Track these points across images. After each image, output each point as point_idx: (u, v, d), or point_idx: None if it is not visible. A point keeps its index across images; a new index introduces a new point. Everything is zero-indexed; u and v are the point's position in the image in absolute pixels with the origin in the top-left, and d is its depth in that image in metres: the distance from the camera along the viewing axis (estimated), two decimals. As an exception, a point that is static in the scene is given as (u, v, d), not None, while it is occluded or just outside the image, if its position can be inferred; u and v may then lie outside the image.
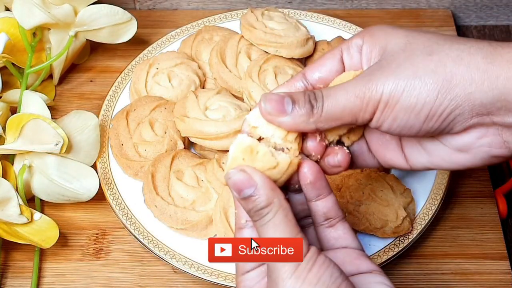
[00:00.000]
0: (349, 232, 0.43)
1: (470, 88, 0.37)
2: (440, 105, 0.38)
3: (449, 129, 0.39)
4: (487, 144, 0.39)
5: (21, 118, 0.61)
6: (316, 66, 0.43)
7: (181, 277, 0.61)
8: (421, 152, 0.43)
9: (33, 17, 0.66)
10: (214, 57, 0.70)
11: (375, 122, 0.40)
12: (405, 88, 0.38)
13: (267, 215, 0.37)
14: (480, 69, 0.37)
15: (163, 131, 0.66)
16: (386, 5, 0.85)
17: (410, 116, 0.38)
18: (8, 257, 0.62)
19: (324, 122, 0.40)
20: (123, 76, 0.73)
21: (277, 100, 0.40)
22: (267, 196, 0.38)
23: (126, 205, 0.62)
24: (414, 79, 0.38)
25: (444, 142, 0.41)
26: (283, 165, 0.40)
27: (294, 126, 0.40)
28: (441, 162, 0.42)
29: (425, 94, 0.38)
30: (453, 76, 0.37)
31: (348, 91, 0.39)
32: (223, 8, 0.85)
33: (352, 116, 0.39)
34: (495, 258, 0.62)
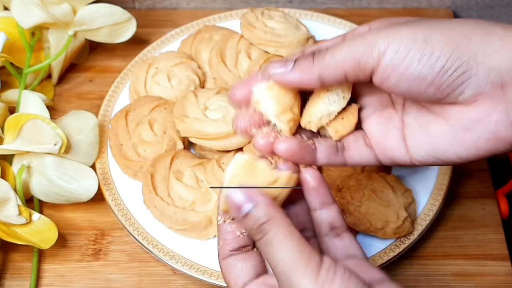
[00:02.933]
0: (354, 241, 0.42)
1: (490, 49, 0.36)
2: (458, 59, 0.36)
3: (460, 90, 0.37)
4: (494, 122, 0.37)
5: (20, 118, 0.60)
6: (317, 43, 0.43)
7: (180, 278, 0.61)
8: (424, 137, 0.40)
9: (32, 17, 0.66)
10: (214, 56, 0.69)
11: (381, 72, 0.37)
12: (420, 37, 0.36)
13: (270, 231, 0.36)
14: (499, 34, 0.36)
15: (162, 131, 0.65)
16: (387, 4, 0.84)
17: (424, 66, 0.36)
18: (7, 258, 0.62)
19: (325, 68, 0.38)
20: (122, 76, 0.72)
21: (282, 61, 0.40)
22: (266, 211, 0.37)
23: (125, 205, 0.62)
24: (432, 30, 0.36)
25: (449, 119, 0.39)
26: (283, 180, 0.39)
27: (297, 80, 0.39)
28: (444, 146, 0.39)
29: (443, 44, 0.36)
30: (473, 34, 0.36)
31: (355, 37, 0.38)
32: (223, 7, 0.85)
33: (354, 61, 0.37)
34: (497, 259, 0.61)
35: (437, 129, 0.40)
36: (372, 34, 0.37)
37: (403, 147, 0.41)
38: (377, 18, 0.42)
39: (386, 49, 0.37)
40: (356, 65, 0.38)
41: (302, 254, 0.35)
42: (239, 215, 0.37)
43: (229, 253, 0.40)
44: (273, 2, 0.84)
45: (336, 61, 0.38)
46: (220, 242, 0.41)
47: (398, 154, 0.42)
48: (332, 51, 0.38)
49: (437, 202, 0.61)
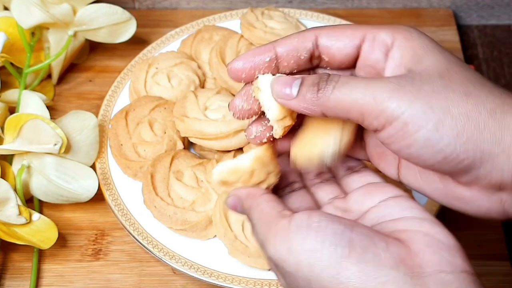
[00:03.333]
0: (372, 172, 0.42)
1: (498, 148, 0.34)
2: (464, 152, 0.34)
3: (458, 176, 0.36)
4: (486, 207, 0.37)
5: (20, 118, 0.60)
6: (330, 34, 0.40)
7: (180, 278, 0.61)
8: (418, 179, 0.40)
9: (32, 17, 0.66)
10: (214, 56, 0.69)
11: (384, 136, 0.36)
12: (433, 119, 0.34)
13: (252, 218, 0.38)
14: (510, 130, 0.34)
15: (162, 131, 0.65)
16: (387, 4, 0.84)
17: (427, 151, 0.35)
18: (7, 258, 0.62)
19: (329, 109, 0.36)
20: (122, 76, 0.72)
21: (286, 81, 0.38)
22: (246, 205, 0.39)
23: (125, 205, 0.62)
24: (446, 115, 0.34)
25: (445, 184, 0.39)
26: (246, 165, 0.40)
27: (301, 109, 0.38)
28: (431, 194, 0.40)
29: (453, 135, 0.34)
30: (485, 128, 0.34)
31: (368, 87, 0.35)
32: (223, 7, 0.85)
33: (360, 114, 0.36)
34: (497, 259, 0.61)
35: (432, 182, 0.39)
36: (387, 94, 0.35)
37: (395, 171, 0.42)
38: (377, 18, 0.42)
39: (394, 121, 0.35)
40: (361, 117, 0.36)
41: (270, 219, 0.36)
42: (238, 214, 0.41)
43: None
44: (273, 2, 0.84)
45: (342, 106, 0.36)
46: None
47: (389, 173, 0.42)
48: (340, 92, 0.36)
49: (437, 202, 0.61)
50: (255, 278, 0.57)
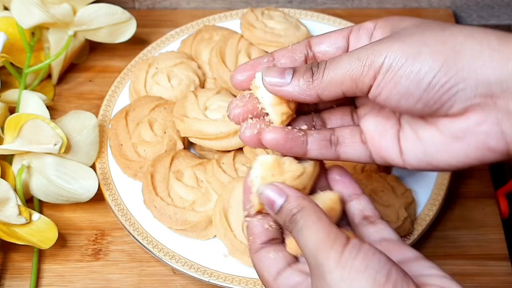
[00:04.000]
0: (388, 227, 0.42)
1: (479, 62, 0.36)
2: (445, 74, 0.36)
3: (449, 105, 0.37)
4: (484, 132, 0.38)
5: (20, 118, 0.60)
6: (321, 37, 0.43)
7: (180, 278, 0.61)
8: (417, 142, 0.41)
9: (32, 17, 0.66)
10: (214, 56, 0.69)
11: (374, 88, 0.38)
12: (411, 54, 0.37)
13: (301, 219, 0.38)
14: (491, 46, 0.36)
15: (162, 131, 0.65)
16: (387, 4, 0.84)
17: (411, 83, 0.37)
18: (7, 258, 0.62)
19: (324, 88, 0.39)
20: (122, 76, 0.72)
21: (278, 71, 0.40)
22: (297, 202, 0.38)
23: (125, 205, 0.62)
24: (422, 46, 0.37)
25: (440, 128, 0.39)
26: (309, 169, 0.41)
27: (295, 95, 0.40)
28: (435, 153, 0.40)
29: (431, 61, 0.36)
30: (462, 48, 0.36)
31: (351, 54, 0.38)
32: (222, 7, 0.85)
33: (352, 81, 0.38)
34: (497, 259, 0.61)
35: (429, 137, 0.40)
36: (368, 51, 0.38)
37: (397, 149, 0.42)
38: (377, 18, 0.42)
39: (381, 67, 0.37)
40: (354, 85, 0.39)
41: (328, 235, 0.36)
42: (273, 211, 0.39)
43: (260, 246, 0.41)
44: (273, 2, 0.84)
45: (335, 81, 0.39)
46: (249, 238, 0.42)
47: (392, 156, 0.42)
48: (330, 69, 0.39)
49: (437, 202, 0.61)
50: (255, 278, 0.57)
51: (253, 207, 0.41)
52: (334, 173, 0.44)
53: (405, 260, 0.39)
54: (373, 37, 0.41)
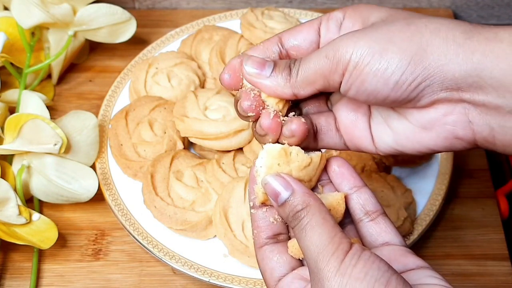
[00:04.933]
0: (390, 226, 0.42)
1: (444, 59, 0.36)
2: (412, 72, 0.37)
3: (416, 100, 0.38)
4: (452, 122, 0.38)
5: (20, 118, 0.60)
6: (292, 32, 0.43)
7: (180, 278, 0.61)
8: (387, 131, 0.42)
9: (32, 17, 0.66)
10: (214, 56, 0.69)
11: (343, 84, 0.38)
12: (377, 50, 0.37)
13: (304, 218, 0.37)
14: (457, 42, 0.36)
15: (162, 131, 0.65)
16: (387, 5, 0.84)
17: (379, 81, 0.37)
18: (7, 258, 0.62)
19: (299, 87, 0.39)
20: (122, 76, 0.72)
21: (259, 62, 0.40)
22: (303, 198, 0.38)
23: (125, 205, 0.62)
24: (388, 43, 0.37)
25: (409, 118, 0.40)
26: (316, 160, 0.41)
27: (272, 90, 0.40)
28: (405, 141, 0.41)
29: (398, 59, 0.37)
30: (428, 45, 0.37)
31: (320, 52, 0.39)
32: (222, 7, 0.85)
33: (323, 79, 0.39)
34: (497, 259, 0.61)
35: (399, 127, 0.41)
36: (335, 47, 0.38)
37: (369, 137, 0.42)
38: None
39: (348, 63, 0.37)
40: (326, 82, 0.39)
41: (331, 240, 0.36)
42: (277, 203, 0.38)
43: (264, 241, 0.41)
44: (273, 2, 0.84)
45: (308, 80, 0.39)
46: (254, 231, 0.41)
47: (365, 144, 0.43)
48: (303, 69, 0.39)
49: (437, 202, 0.61)
50: (255, 278, 0.57)
51: (257, 197, 0.40)
52: (334, 164, 0.43)
53: (407, 268, 0.39)
54: (342, 27, 0.41)
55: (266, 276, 0.41)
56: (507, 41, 0.35)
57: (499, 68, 0.35)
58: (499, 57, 0.35)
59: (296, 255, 0.40)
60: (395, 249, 0.40)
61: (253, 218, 0.41)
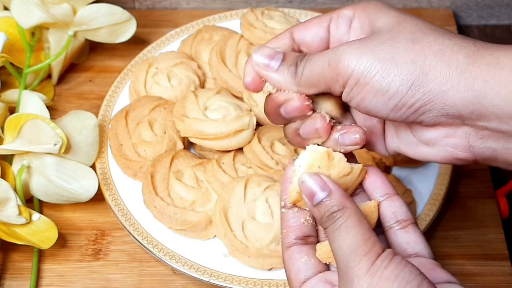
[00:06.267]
0: (421, 237, 0.41)
1: (446, 85, 0.36)
2: (412, 97, 0.37)
3: (417, 121, 0.38)
4: (452, 144, 0.39)
5: (20, 118, 0.60)
6: (302, 28, 0.43)
7: (180, 278, 0.61)
8: (394, 137, 0.43)
9: (32, 17, 0.66)
10: (214, 56, 0.69)
11: (345, 96, 0.39)
12: (379, 70, 0.37)
13: (340, 218, 0.37)
14: (460, 68, 0.36)
15: (162, 131, 0.65)
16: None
17: (379, 101, 0.37)
18: (7, 258, 0.62)
19: (304, 87, 0.40)
20: (122, 76, 0.72)
21: (269, 54, 0.40)
22: (340, 200, 0.37)
23: (125, 205, 0.62)
24: (391, 64, 0.37)
25: (413, 132, 0.41)
26: (356, 171, 0.41)
27: (278, 83, 0.40)
28: (407, 150, 0.42)
29: (399, 82, 0.36)
30: (430, 69, 0.36)
31: (324, 56, 0.39)
32: (222, 7, 0.85)
33: (325, 84, 0.39)
34: (497, 259, 0.61)
35: (404, 136, 0.42)
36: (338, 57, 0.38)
37: (382, 141, 0.44)
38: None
39: (349, 78, 0.37)
40: (327, 88, 0.39)
41: (365, 242, 0.35)
42: (312, 202, 0.38)
43: (293, 241, 0.41)
44: (273, 2, 0.84)
45: (312, 81, 0.39)
46: (283, 230, 0.41)
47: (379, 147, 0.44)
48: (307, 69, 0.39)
49: (437, 202, 0.61)
50: (255, 278, 0.57)
51: (290, 197, 0.40)
52: (368, 173, 0.43)
53: (435, 281, 0.38)
54: (352, 28, 0.41)
55: (291, 277, 0.40)
56: (508, 67, 0.35)
57: (501, 96, 0.35)
58: (500, 84, 0.35)
59: (324, 259, 0.40)
60: (424, 261, 0.40)
61: (283, 218, 0.41)
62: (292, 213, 0.41)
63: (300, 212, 0.41)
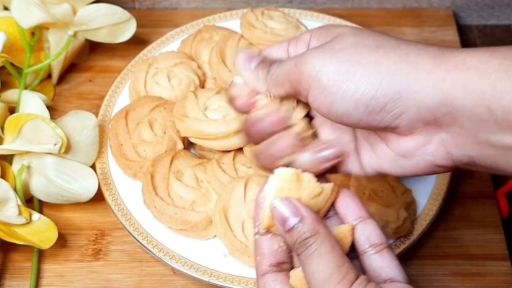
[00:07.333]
0: (395, 261, 0.40)
1: (416, 86, 0.35)
2: (383, 96, 0.36)
3: (393, 126, 0.37)
4: (431, 153, 0.37)
5: (20, 118, 0.60)
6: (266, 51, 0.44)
7: (180, 278, 0.61)
8: (372, 155, 0.41)
9: (32, 17, 0.66)
10: (214, 56, 0.69)
11: (312, 100, 0.38)
12: (344, 72, 0.36)
13: (313, 244, 0.36)
14: (426, 70, 0.35)
15: (162, 131, 0.65)
16: (387, 5, 0.84)
17: (349, 104, 0.36)
18: (7, 258, 0.62)
19: (272, 86, 0.40)
20: (122, 76, 0.72)
21: (249, 55, 0.42)
22: (312, 226, 0.37)
23: (125, 205, 0.62)
24: (356, 65, 0.36)
25: (389, 145, 0.39)
26: (327, 191, 0.40)
27: (251, 82, 0.41)
28: (388, 167, 0.40)
29: (366, 83, 0.36)
30: (397, 70, 0.36)
31: (293, 58, 0.39)
32: (222, 7, 0.85)
33: (291, 85, 0.39)
34: (497, 259, 0.61)
35: (381, 151, 0.40)
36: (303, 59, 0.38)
37: (356, 162, 0.42)
38: (377, 18, 0.43)
39: (312, 82, 0.37)
40: (292, 89, 0.39)
41: (338, 269, 0.35)
42: (284, 229, 0.37)
43: (267, 269, 0.40)
44: (273, 2, 0.84)
45: (279, 82, 0.40)
46: (257, 257, 0.40)
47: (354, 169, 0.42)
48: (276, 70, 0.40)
49: (437, 202, 0.61)
50: (255, 278, 0.57)
51: (263, 223, 0.39)
52: (340, 195, 0.41)
53: None
54: (311, 45, 0.41)
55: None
56: (474, 68, 0.34)
57: (469, 99, 0.34)
58: (468, 87, 0.34)
59: (298, 286, 0.39)
60: (399, 286, 0.39)
61: (257, 244, 0.40)
62: (266, 239, 0.40)
63: (273, 238, 0.40)
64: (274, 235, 0.40)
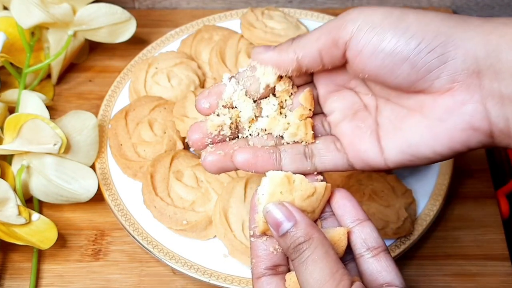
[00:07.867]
0: (392, 265, 0.40)
1: (466, 34, 0.36)
2: (434, 38, 0.36)
3: (436, 74, 0.36)
4: (470, 111, 0.36)
5: (19, 118, 0.60)
6: None
7: (180, 279, 0.60)
8: (398, 134, 0.39)
9: (32, 16, 0.66)
10: (214, 56, 0.69)
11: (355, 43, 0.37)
12: (396, 14, 0.36)
13: (306, 250, 0.36)
14: (475, 24, 0.36)
15: (162, 131, 0.65)
16: (387, 4, 0.84)
17: (399, 40, 0.36)
18: (6, 258, 0.62)
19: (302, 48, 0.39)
20: (122, 76, 0.72)
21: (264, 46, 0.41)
22: (306, 230, 0.36)
23: (125, 205, 0.62)
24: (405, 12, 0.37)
25: (424, 111, 0.38)
26: (320, 190, 0.39)
27: (274, 59, 0.40)
28: (419, 140, 0.38)
29: (418, 23, 0.36)
30: (449, 20, 0.36)
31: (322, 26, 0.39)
32: (222, 7, 0.85)
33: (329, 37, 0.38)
34: (497, 259, 0.61)
35: (411, 123, 0.39)
36: (346, 12, 0.38)
37: (377, 149, 0.40)
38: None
39: (361, 22, 0.37)
40: (330, 40, 0.38)
41: (332, 276, 0.35)
42: (278, 233, 0.37)
43: (263, 272, 0.40)
44: (273, 2, 0.84)
45: (312, 39, 0.39)
46: (253, 260, 0.40)
47: (372, 157, 0.41)
48: (309, 33, 0.40)
49: (437, 202, 0.61)
50: (255, 278, 0.57)
51: (258, 227, 0.39)
52: (337, 196, 0.41)
53: None
54: None
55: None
56: None
57: None
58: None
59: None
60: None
61: (252, 247, 0.40)
62: (261, 242, 0.40)
63: (269, 241, 0.40)
64: (270, 238, 0.40)
